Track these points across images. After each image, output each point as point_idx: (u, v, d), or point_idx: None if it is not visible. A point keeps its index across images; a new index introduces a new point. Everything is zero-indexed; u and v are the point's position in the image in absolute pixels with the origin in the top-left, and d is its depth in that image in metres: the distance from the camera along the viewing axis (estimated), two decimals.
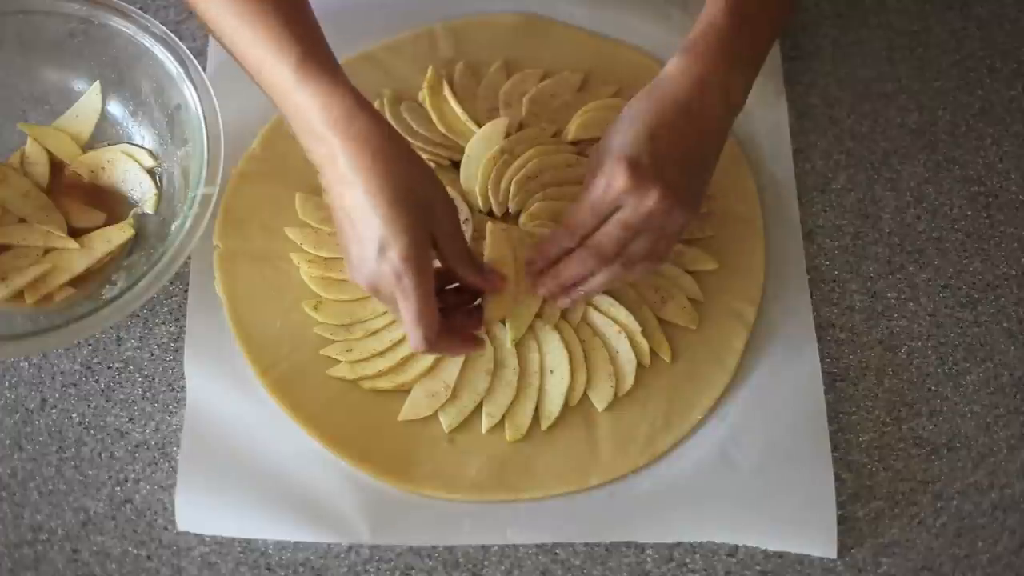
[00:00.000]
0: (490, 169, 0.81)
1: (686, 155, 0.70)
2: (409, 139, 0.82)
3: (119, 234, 0.79)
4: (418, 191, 0.67)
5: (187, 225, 0.75)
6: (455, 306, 0.74)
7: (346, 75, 0.68)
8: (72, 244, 0.79)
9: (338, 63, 0.69)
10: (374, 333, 0.78)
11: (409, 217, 0.65)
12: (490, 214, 0.81)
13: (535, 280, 0.75)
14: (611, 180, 0.68)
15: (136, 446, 0.76)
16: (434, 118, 0.85)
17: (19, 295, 0.78)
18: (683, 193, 0.69)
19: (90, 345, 0.79)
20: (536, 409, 0.77)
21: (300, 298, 0.79)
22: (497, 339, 0.78)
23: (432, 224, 0.67)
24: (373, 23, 0.89)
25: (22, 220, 0.80)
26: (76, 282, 0.79)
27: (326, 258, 0.80)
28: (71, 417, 0.77)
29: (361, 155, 0.65)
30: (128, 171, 0.82)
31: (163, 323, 0.80)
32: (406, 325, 0.67)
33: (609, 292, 0.79)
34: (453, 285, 0.73)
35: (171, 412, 0.77)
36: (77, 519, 0.74)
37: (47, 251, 0.79)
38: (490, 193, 0.81)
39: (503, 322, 0.77)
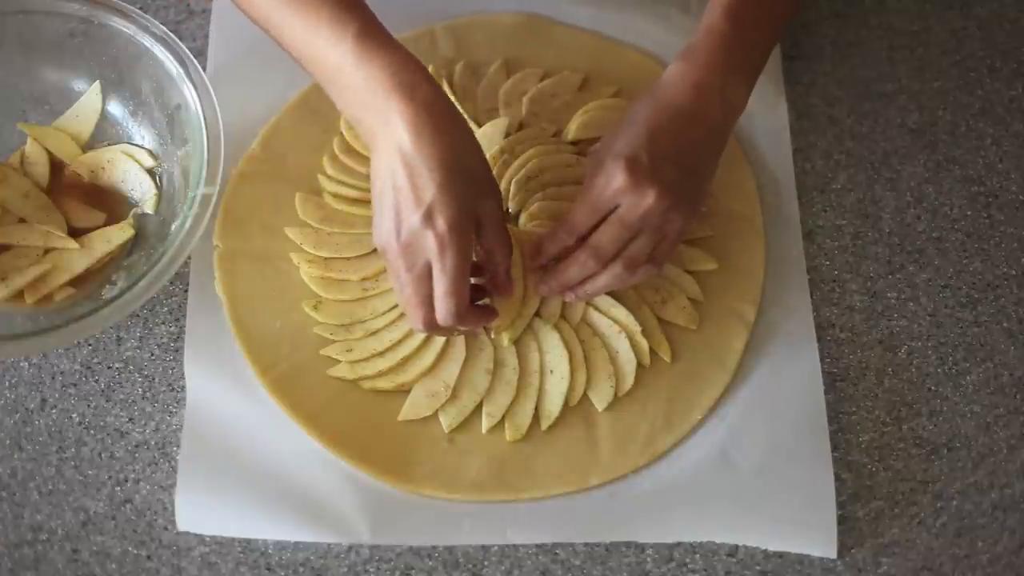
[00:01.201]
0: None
1: (684, 157, 0.70)
2: None
3: (119, 234, 0.79)
4: (473, 166, 0.68)
5: (187, 225, 0.75)
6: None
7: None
8: (72, 244, 0.79)
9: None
10: (374, 333, 0.78)
11: (463, 187, 0.66)
12: None
13: (536, 279, 0.75)
14: (610, 179, 0.69)
15: (136, 446, 0.76)
16: None
17: (19, 295, 0.78)
18: (681, 195, 0.70)
19: (90, 345, 0.79)
20: (536, 409, 0.77)
21: (300, 298, 0.79)
22: (497, 339, 0.78)
23: (480, 202, 0.68)
24: None
25: (22, 220, 0.80)
26: (76, 282, 0.79)
27: (326, 258, 0.80)
28: (71, 417, 0.77)
29: (423, 120, 0.65)
30: (128, 171, 0.82)
31: (163, 323, 0.80)
32: (438, 295, 0.67)
33: (609, 292, 0.79)
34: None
35: (171, 412, 0.77)
36: (77, 519, 0.74)
37: (47, 251, 0.79)
38: None
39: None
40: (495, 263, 0.72)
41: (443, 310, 0.67)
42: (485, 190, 0.69)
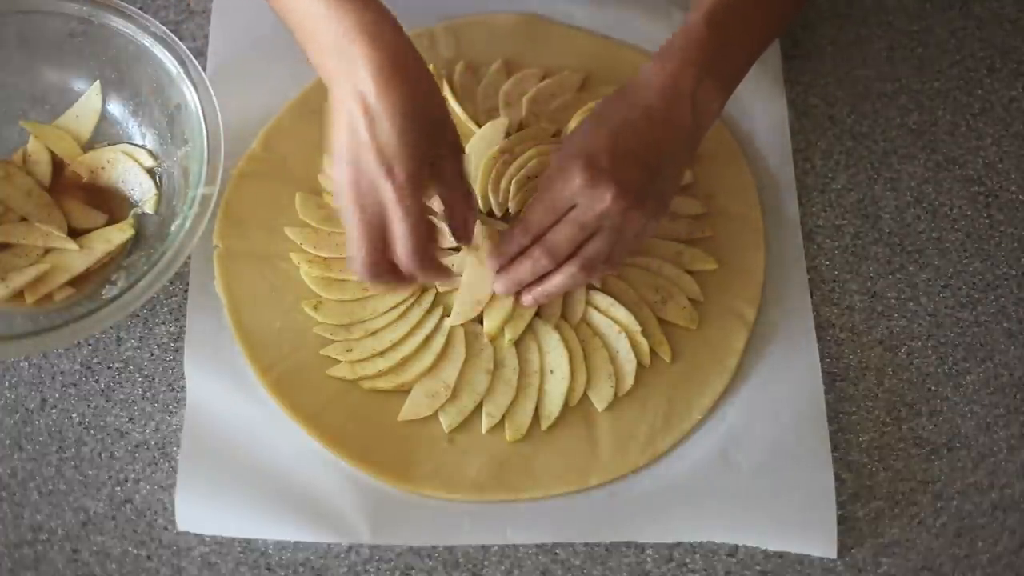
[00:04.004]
0: (490, 169, 0.81)
1: (648, 158, 0.70)
2: None
3: (119, 234, 0.79)
4: (433, 111, 0.67)
5: (187, 225, 0.75)
6: None
7: None
8: (72, 245, 0.79)
9: None
10: (374, 333, 0.78)
11: (424, 138, 0.65)
12: (490, 214, 0.81)
13: (496, 280, 0.75)
14: (567, 177, 0.69)
15: (136, 446, 0.76)
16: None
17: (19, 295, 0.78)
18: (643, 195, 0.69)
19: (90, 345, 0.79)
20: (536, 409, 0.77)
21: (300, 298, 0.79)
22: (497, 339, 0.78)
23: (440, 145, 0.67)
24: None
25: (23, 219, 0.80)
26: (76, 282, 0.79)
27: (326, 258, 0.80)
28: (71, 417, 0.77)
29: (388, 67, 0.64)
30: (128, 171, 0.82)
31: (163, 323, 0.80)
32: (399, 238, 0.66)
33: (609, 292, 0.79)
34: None
35: (171, 412, 0.77)
36: (77, 519, 0.74)
37: (47, 251, 0.79)
38: (490, 193, 0.81)
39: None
40: (455, 215, 0.72)
41: (405, 254, 0.66)
42: (445, 141, 0.68)
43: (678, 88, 0.70)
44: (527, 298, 0.75)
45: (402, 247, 0.66)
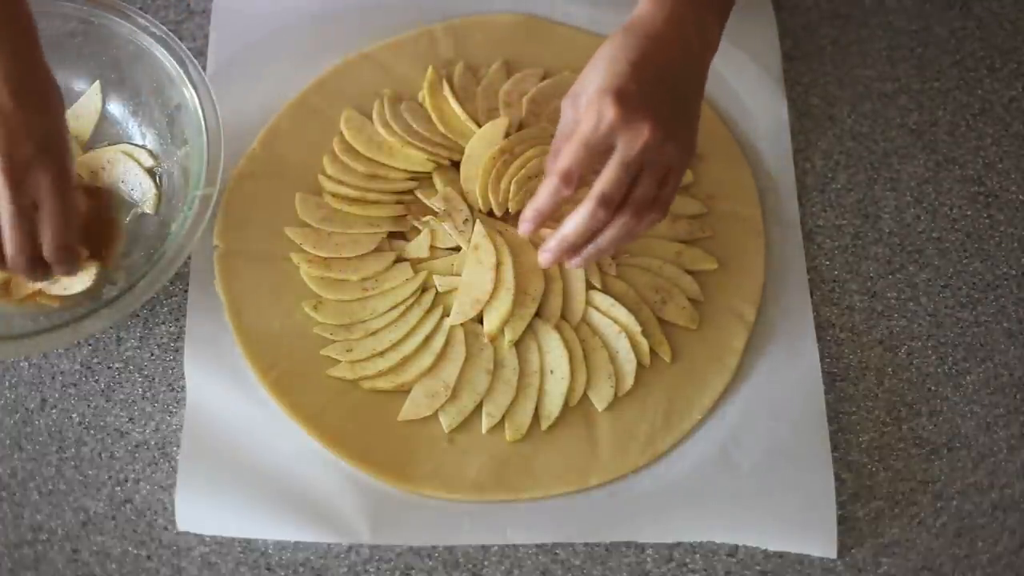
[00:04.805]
0: (490, 169, 0.81)
1: (672, 89, 0.68)
2: (409, 139, 0.83)
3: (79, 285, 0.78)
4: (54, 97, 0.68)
5: (187, 225, 0.75)
6: None
7: None
8: None
9: None
10: (374, 333, 0.78)
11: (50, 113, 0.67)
12: (490, 214, 0.81)
13: (539, 248, 0.72)
14: (601, 115, 0.66)
15: (136, 446, 0.76)
16: (434, 118, 0.85)
17: (7, 290, 0.77)
18: (675, 126, 0.67)
19: (90, 345, 0.79)
20: (536, 409, 0.77)
21: (300, 298, 0.79)
22: (497, 339, 0.78)
23: (39, 158, 0.67)
24: (373, 23, 0.89)
25: None
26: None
27: (326, 258, 0.80)
28: (71, 417, 0.77)
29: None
30: (128, 171, 0.82)
31: (163, 323, 0.80)
32: (53, 219, 0.67)
33: (609, 292, 0.79)
34: None
35: (171, 412, 0.77)
36: (77, 519, 0.74)
37: None
38: (490, 193, 0.81)
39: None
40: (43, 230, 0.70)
41: (53, 236, 0.68)
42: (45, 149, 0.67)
43: (682, 17, 0.69)
44: (577, 260, 0.71)
45: (57, 225, 0.68)
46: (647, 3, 0.70)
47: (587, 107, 0.67)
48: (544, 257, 0.72)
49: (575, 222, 0.69)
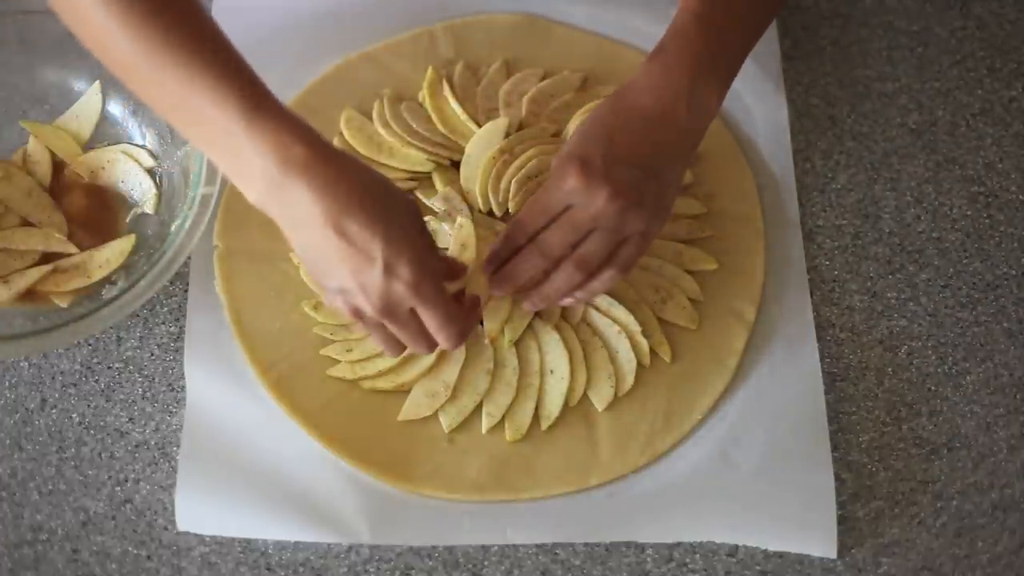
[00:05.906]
0: (490, 169, 0.81)
1: (645, 160, 0.69)
2: (409, 139, 0.83)
3: (118, 254, 0.79)
4: (383, 190, 0.65)
5: (187, 225, 0.75)
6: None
7: (289, 109, 0.65)
8: (72, 248, 0.79)
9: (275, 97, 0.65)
10: None
11: (397, 221, 0.64)
12: (490, 214, 0.81)
13: (491, 281, 0.74)
14: (562, 179, 0.68)
15: (136, 446, 0.76)
16: (434, 118, 0.85)
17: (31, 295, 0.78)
18: (640, 197, 0.68)
19: (90, 345, 0.79)
20: (536, 409, 0.77)
21: (300, 298, 0.79)
22: (497, 339, 0.78)
23: (409, 220, 0.66)
24: (373, 23, 0.89)
25: (23, 219, 0.80)
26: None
27: None
28: (71, 417, 0.77)
29: (329, 185, 0.62)
30: (128, 171, 0.82)
31: (163, 323, 0.80)
32: (437, 330, 0.67)
33: (609, 292, 0.79)
34: None
35: (171, 412, 0.77)
36: (77, 519, 0.74)
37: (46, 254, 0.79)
38: (490, 193, 0.81)
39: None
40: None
41: (446, 340, 0.68)
42: (403, 205, 0.66)
43: (673, 90, 0.70)
44: (526, 303, 0.75)
45: (442, 337, 0.68)
46: (644, 70, 0.71)
47: (554, 168, 0.69)
48: (494, 290, 0.74)
49: (516, 263, 0.72)
